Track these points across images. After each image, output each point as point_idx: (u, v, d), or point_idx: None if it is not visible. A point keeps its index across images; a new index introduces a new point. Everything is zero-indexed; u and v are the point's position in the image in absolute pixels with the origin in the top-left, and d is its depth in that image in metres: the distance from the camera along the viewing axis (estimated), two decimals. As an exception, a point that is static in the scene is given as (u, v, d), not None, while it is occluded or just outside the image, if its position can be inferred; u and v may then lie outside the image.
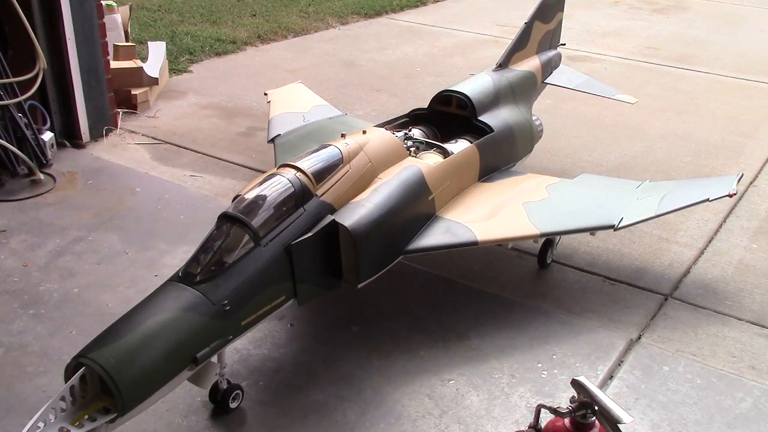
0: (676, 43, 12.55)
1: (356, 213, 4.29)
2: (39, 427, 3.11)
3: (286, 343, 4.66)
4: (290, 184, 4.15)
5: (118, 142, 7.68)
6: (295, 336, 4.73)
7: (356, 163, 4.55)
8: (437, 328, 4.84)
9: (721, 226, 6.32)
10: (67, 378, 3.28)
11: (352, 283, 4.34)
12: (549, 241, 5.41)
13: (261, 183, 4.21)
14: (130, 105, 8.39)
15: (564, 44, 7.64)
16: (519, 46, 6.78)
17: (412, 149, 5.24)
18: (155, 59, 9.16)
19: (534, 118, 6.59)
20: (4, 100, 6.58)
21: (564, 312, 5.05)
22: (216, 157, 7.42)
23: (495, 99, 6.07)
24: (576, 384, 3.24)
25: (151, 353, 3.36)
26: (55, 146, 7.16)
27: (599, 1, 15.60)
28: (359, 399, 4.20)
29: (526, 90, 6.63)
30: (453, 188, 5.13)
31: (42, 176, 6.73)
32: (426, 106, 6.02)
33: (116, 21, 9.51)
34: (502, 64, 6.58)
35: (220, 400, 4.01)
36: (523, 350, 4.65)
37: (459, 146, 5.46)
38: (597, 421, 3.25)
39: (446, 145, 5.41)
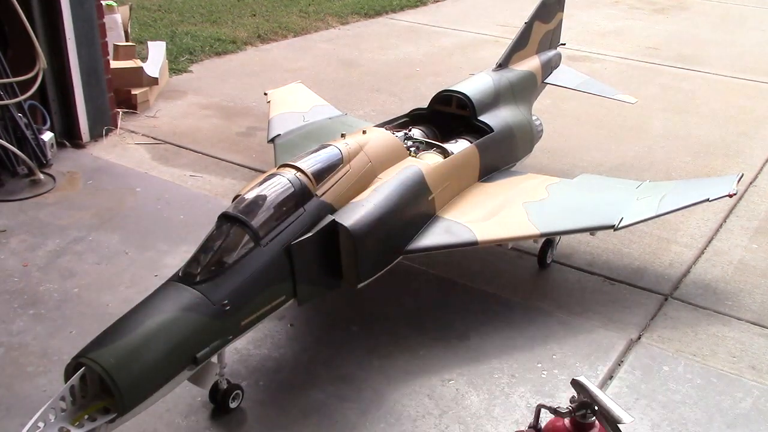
0: (676, 43, 12.54)
1: (356, 213, 4.28)
2: (39, 427, 3.11)
3: (286, 343, 4.65)
4: (290, 184, 4.15)
5: (118, 142, 7.68)
6: (295, 336, 4.73)
7: (356, 163, 4.55)
8: (437, 328, 4.84)
9: (721, 226, 6.32)
10: (67, 378, 3.28)
11: (352, 283, 4.33)
12: (549, 241, 5.41)
13: (261, 183, 4.21)
14: (130, 105, 8.39)
15: (564, 44, 7.64)
16: (519, 46, 6.78)
17: (412, 149, 5.24)
18: (155, 59, 9.15)
19: (534, 118, 6.59)
20: (4, 100, 6.58)
21: (564, 312, 5.05)
22: (216, 157, 7.42)
23: (495, 99, 6.07)
24: (576, 384, 3.24)
25: (151, 353, 3.36)
26: (55, 146, 7.16)
27: (599, 1, 15.60)
28: (359, 399, 4.19)
29: (526, 90, 6.63)
30: (453, 188, 5.13)
31: (42, 176, 6.72)
32: (426, 106, 6.02)
33: (116, 21, 9.51)
34: (502, 64, 6.58)
35: (220, 400, 4.00)
36: (523, 350, 4.65)
37: (459, 146, 5.45)
38: (597, 421, 3.25)
39: (446, 145, 5.41)
